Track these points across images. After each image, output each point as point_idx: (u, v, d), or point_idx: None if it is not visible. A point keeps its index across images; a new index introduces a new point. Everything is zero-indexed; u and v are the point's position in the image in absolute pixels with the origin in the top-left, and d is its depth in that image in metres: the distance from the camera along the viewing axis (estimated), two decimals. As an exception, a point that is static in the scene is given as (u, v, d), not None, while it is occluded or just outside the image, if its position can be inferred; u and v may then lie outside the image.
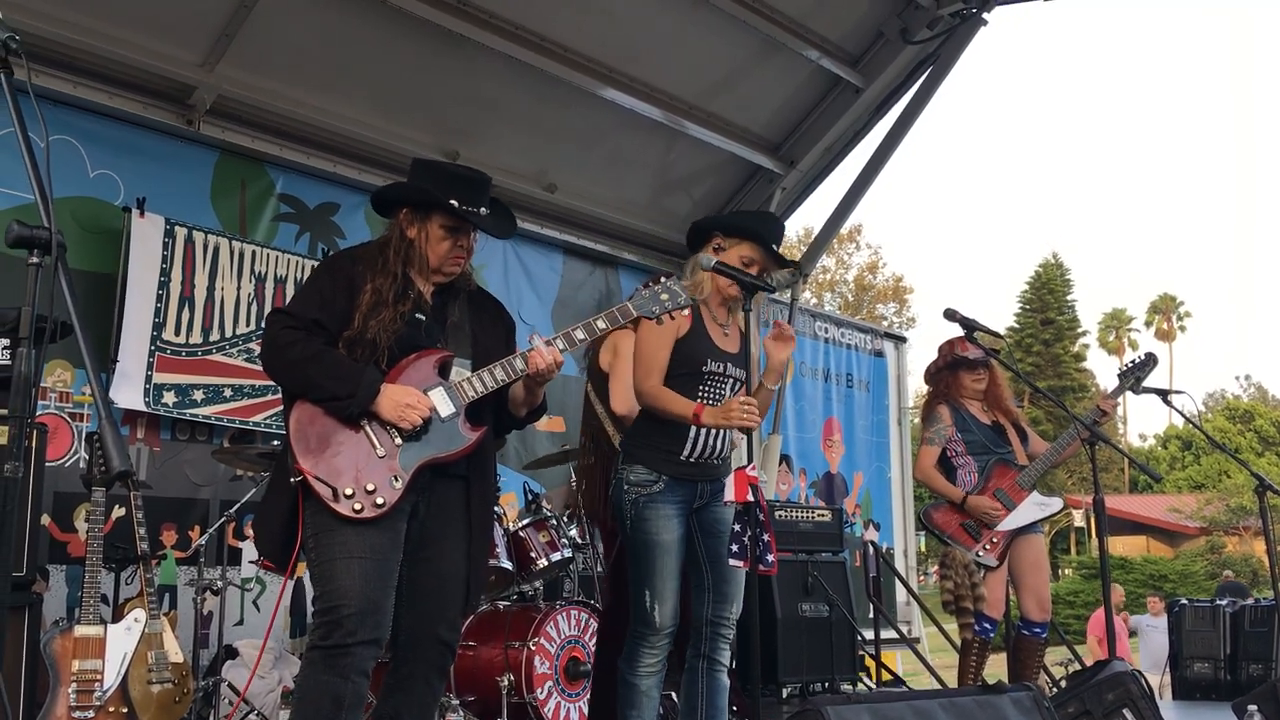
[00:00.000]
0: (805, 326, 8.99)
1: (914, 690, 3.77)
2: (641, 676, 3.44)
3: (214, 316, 5.76)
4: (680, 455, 3.45)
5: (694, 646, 3.55)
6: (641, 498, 3.42)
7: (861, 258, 39.05)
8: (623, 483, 3.47)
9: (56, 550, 5.14)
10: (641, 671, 3.44)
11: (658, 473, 3.44)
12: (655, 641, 3.44)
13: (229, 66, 5.71)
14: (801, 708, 2.76)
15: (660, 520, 3.42)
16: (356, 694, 2.76)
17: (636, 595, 3.44)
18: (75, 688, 3.98)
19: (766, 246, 3.54)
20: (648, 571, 3.41)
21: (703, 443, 3.47)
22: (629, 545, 3.48)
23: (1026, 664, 4.83)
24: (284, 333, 2.86)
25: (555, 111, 6.91)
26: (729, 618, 3.54)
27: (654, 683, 3.46)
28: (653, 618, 3.41)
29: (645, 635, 3.44)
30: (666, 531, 3.43)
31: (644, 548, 3.42)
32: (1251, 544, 29.08)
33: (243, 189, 6.13)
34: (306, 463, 2.77)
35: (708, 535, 3.55)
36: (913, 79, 7.58)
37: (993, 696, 2.92)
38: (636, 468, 3.45)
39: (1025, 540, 4.82)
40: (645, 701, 3.44)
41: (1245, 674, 6.41)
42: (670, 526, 3.43)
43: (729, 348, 3.57)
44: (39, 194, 1.84)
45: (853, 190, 7.96)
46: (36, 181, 1.83)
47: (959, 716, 2.77)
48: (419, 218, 3.01)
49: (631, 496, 3.43)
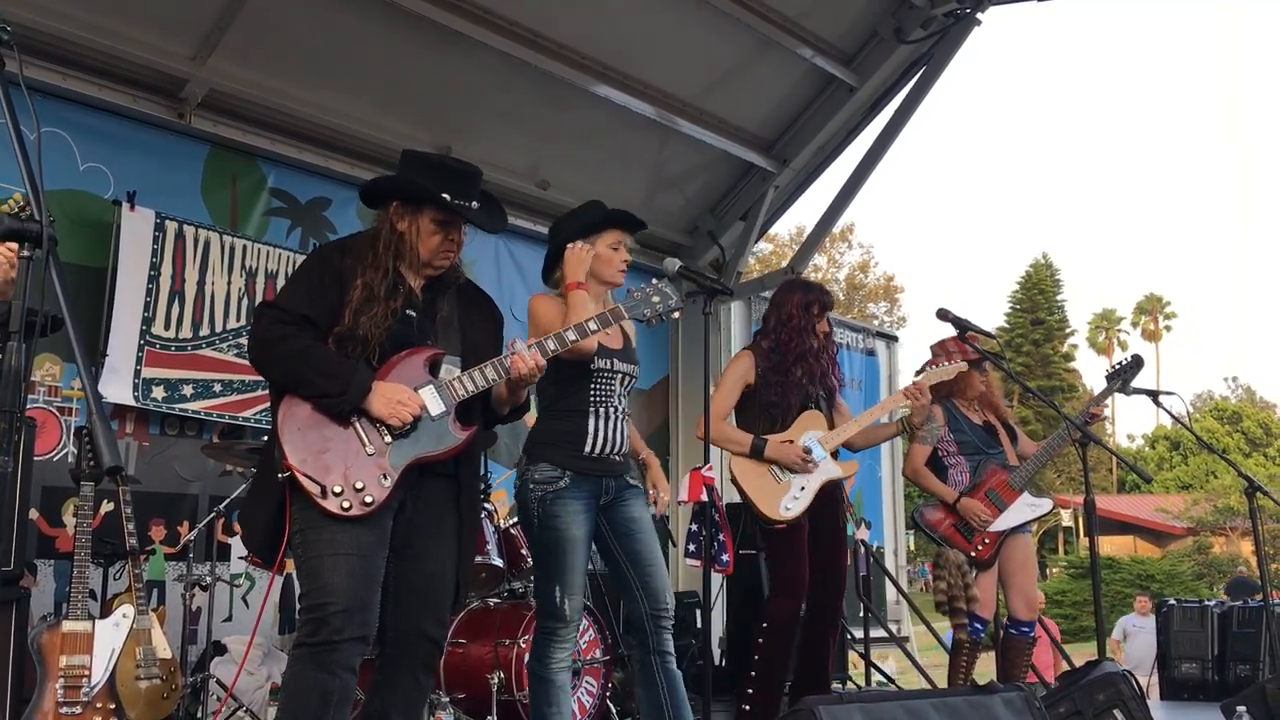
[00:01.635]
0: (797, 325, 8.97)
1: (906, 690, 3.76)
2: (556, 671, 3.48)
3: (204, 311, 5.74)
4: (583, 450, 3.49)
5: (641, 646, 3.59)
6: (548, 494, 3.45)
7: (853, 257, 39.14)
8: (528, 481, 3.50)
9: (45, 545, 5.12)
10: (555, 667, 3.48)
11: (562, 468, 3.47)
12: (566, 635, 3.49)
13: (221, 60, 5.69)
14: (793, 708, 2.76)
15: (568, 515, 3.46)
16: (344, 690, 2.75)
17: (545, 591, 3.48)
18: (63, 683, 3.95)
19: (616, 221, 3.63)
20: (557, 566, 3.45)
21: (603, 438, 3.52)
22: (537, 542, 3.52)
23: (1015, 663, 4.85)
24: (274, 327, 2.83)
25: (549, 108, 6.90)
26: (666, 608, 3.58)
27: (567, 677, 3.52)
28: (563, 611, 3.45)
29: (555, 630, 3.48)
30: (575, 526, 3.46)
31: (553, 543, 3.45)
32: (1238, 544, 29.20)
33: (234, 183, 6.11)
34: (295, 459, 2.75)
35: (621, 535, 3.59)
36: (906, 78, 7.57)
37: (984, 697, 2.92)
38: (541, 465, 3.48)
39: (1014, 540, 4.84)
40: (562, 697, 3.49)
41: (1233, 675, 6.42)
42: (578, 521, 3.47)
43: (613, 344, 3.61)
44: (30, 186, 1.83)
45: (845, 189, 7.96)
46: (28, 174, 1.82)
47: (951, 716, 2.77)
48: (410, 211, 2.99)
49: (538, 494, 3.46)
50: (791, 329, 4.35)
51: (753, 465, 4.26)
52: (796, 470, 4.22)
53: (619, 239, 3.64)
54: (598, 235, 3.62)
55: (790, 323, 4.36)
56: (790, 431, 4.28)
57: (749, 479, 4.25)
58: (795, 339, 4.32)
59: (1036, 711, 2.96)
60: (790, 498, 4.19)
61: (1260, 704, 3.91)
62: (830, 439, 4.32)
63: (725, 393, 4.38)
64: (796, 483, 4.22)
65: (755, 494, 4.22)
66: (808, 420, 4.32)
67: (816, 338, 4.35)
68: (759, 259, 28.42)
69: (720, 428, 4.30)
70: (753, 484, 4.24)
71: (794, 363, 4.32)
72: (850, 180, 7.92)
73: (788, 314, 4.39)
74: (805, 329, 4.33)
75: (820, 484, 4.24)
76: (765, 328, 4.49)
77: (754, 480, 4.24)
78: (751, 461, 4.26)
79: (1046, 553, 35.51)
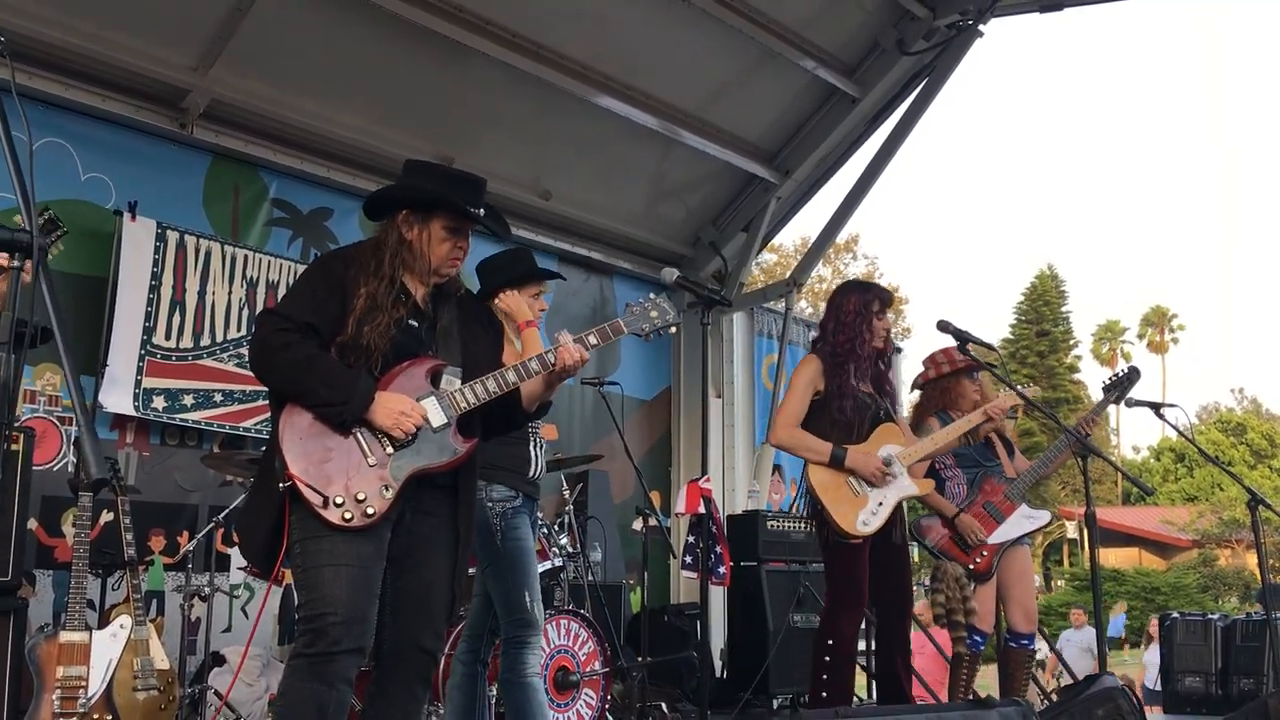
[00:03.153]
0: (800, 336, 8.97)
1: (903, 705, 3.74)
2: (531, 676, 3.70)
3: (205, 321, 5.74)
4: (527, 475, 3.83)
5: (473, 653, 3.86)
6: (508, 510, 3.72)
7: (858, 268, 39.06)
8: (485, 501, 3.67)
9: (44, 555, 5.11)
10: (531, 672, 3.70)
11: (515, 490, 3.75)
12: (536, 642, 3.73)
13: (223, 70, 5.70)
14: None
15: (525, 528, 3.77)
16: (340, 702, 2.73)
17: (514, 601, 3.69)
18: (59, 694, 3.94)
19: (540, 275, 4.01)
20: (524, 575, 3.71)
21: (540, 464, 3.89)
22: (502, 556, 3.69)
23: (1015, 675, 4.82)
24: (276, 335, 2.81)
25: (551, 119, 6.90)
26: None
27: (539, 679, 3.76)
28: (533, 616, 3.70)
29: (526, 639, 3.70)
30: (530, 538, 3.78)
31: (518, 553, 3.70)
32: (1244, 556, 29.07)
33: (235, 193, 6.12)
34: (296, 468, 2.73)
35: None
36: (908, 89, 7.57)
37: (982, 711, 2.90)
38: (498, 486, 3.71)
39: (1012, 552, 4.82)
40: (541, 696, 3.73)
41: (1236, 688, 6.39)
42: (530, 534, 3.80)
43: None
44: (20, 195, 1.82)
45: (848, 200, 7.95)
46: (19, 183, 1.81)
47: (947, 732, 2.75)
48: (419, 219, 2.97)
49: (498, 510, 3.70)
50: (850, 328, 4.26)
51: (831, 476, 4.14)
52: (875, 483, 4.14)
53: (539, 290, 4.02)
54: (523, 286, 3.96)
55: (849, 321, 4.27)
56: (868, 444, 4.19)
57: (827, 491, 4.13)
58: (858, 339, 4.23)
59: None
60: (869, 512, 4.10)
61: (1263, 717, 3.88)
62: (909, 455, 4.23)
63: (796, 399, 4.24)
64: (875, 497, 4.13)
65: (833, 506, 4.11)
66: (886, 433, 4.24)
67: (878, 337, 4.28)
68: (763, 269, 28.42)
69: (796, 434, 4.20)
70: (830, 495, 4.12)
71: (855, 365, 4.23)
72: (853, 191, 7.92)
73: (845, 313, 4.30)
74: (865, 326, 4.25)
75: (897, 500, 4.16)
76: (824, 333, 4.36)
77: (832, 492, 4.13)
78: (830, 471, 4.14)
79: (1051, 564, 35.38)
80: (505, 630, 3.71)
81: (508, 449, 3.72)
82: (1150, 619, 13.26)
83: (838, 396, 4.19)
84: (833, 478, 4.14)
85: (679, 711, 5.86)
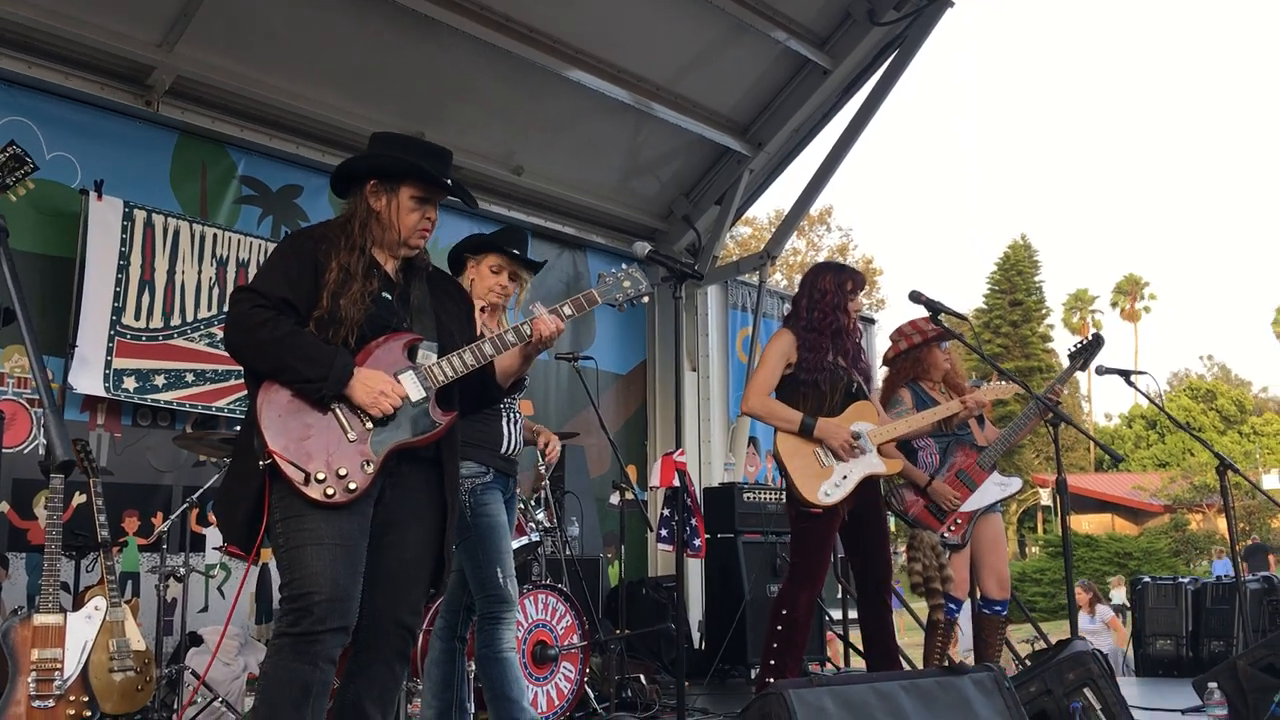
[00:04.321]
0: (774, 309, 8.99)
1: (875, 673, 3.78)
2: (508, 650, 3.68)
3: (175, 301, 5.69)
4: (500, 450, 3.76)
5: (450, 629, 3.85)
6: (477, 486, 3.67)
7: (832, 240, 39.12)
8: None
9: (17, 538, 5.07)
10: (506, 647, 3.68)
11: (486, 466, 3.71)
12: (510, 617, 3.71)
13: (188, 46, 5.63)
14: (762, 692, 2.76)
15: (495, 504, 3.71)
16: (324, 682, 2.72)
17: (487, 578, 3.66)
18: (35, 677, 3.92)
19: (507, 253, 3.84)
20: (495, 550, 3.67)
21: (514, 440, 3.81)
22: (471, 531, 3.66)
23: (989, 642, 4.87)
24: (254, 311, 2.78)
25: (522, 94, 6.86)
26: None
27: (515, 653, 3.74)
28: (506, 592, 3.67)
29: (500, 614, 3.67)
30: (501, 514, 3.73)
31: (489, 529, 3.67)
32: (1214, 521, 29.48)
33: (203, 171, 6.05)
34: (276, 445, 2.71)
35: None
36: (880, 60, 7.57)
37: (954, 677, 2.93)
38: (467, 462, 3.62)
39: (985, 520, 4.86)
40: (517, 670, 3.71)
41: (1207, 651, 6.48)
42: (502, 509, 3.74)
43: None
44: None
45: (820, 172, 7.95)
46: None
47: (921, 698, 2.78)
48: (387, 189, 2.96)
49: (468, 487, 3.64)
50: (825, 306, 4.29)
51: (798, 444, 4.17)
52: (842, 456, 4.16)
53: (500, 263, 3.84)
54: (479, 255, 3.86)
55: (824, 300, 4.31)
56: (842, 418, 4.22)
57: (792, 459, 4.16)
58: (829, 316, 4.27)
59: (1006, 691, 2.98)
60: (831, 484, 4.12)
61: (1232, 680, 3.93)
62: (880, 434, 4.25)
63: (769, 369, 4.29)
64: (839, 470, 4.15)
65: (796, 474, 4.13)
66: (860, 410, 4.27)
67: (848, 316, 4.32)
68: (738, 243, 28.43)
69: (768, 403, 4.24)
70: (795, 464, 4.14)
71: (829, 342, 4.27)
72: (825, 163, 7.92)
73: (821, 291, 4.33)
74: (838, 306, 4.29)
75: (862, 476, 4.18)
76: (796, 310, 4.41)
77: (797, 460, 4.15)
78: (797, 440, 4.17)
79: (1026, 531, 35.76)
80: (480, 607, 3.70)
81: (478, 425, 3.68)
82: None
83: (810, 369, 4.22)
84: (800, 446, 4.17)
85: (657, 683, 5.90)
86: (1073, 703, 3.20)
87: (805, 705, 2.54)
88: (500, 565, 3.67)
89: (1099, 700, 3.24)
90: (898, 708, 2.68)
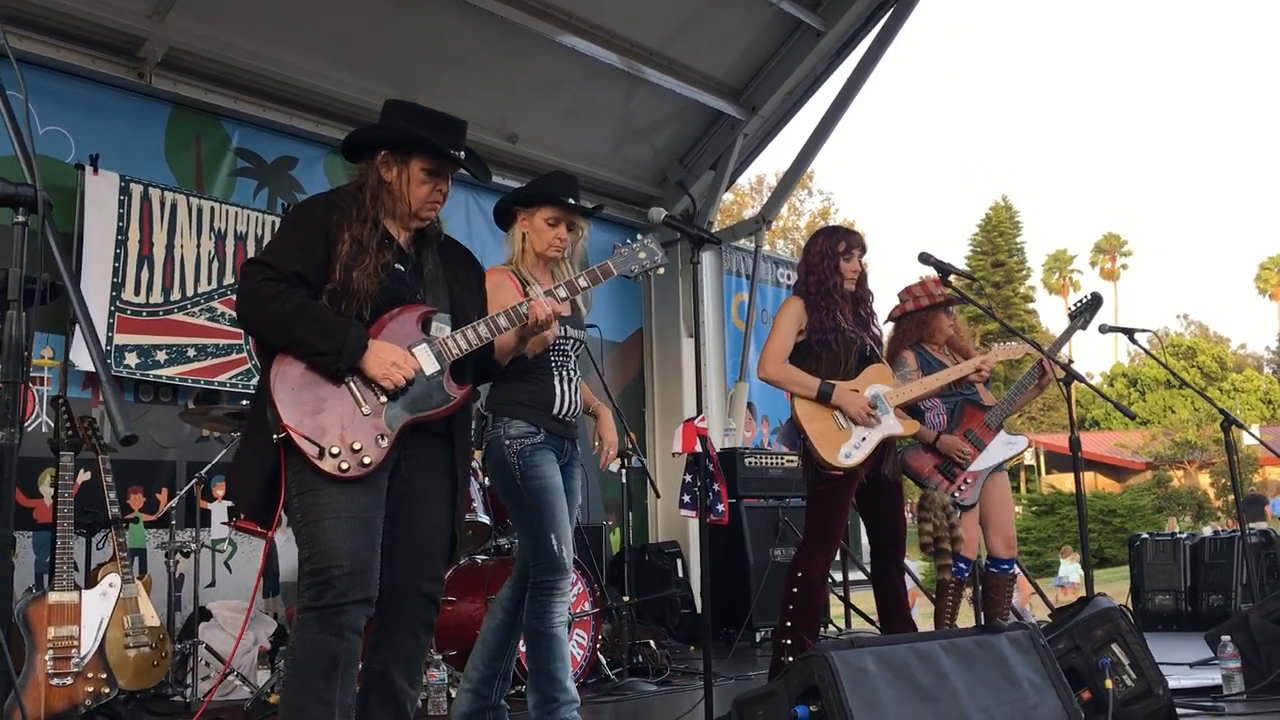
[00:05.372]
0: (768, 273, 8.99)
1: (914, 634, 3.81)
2: (557, 625, 3.47)
3: (174, 275, 5.64)
4: (552, 411, 3.55)
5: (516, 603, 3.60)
6: (526, 447, 3.48)
7: (814, 204, 39.10)
8: (502, 439, 3.49)
9: (23, 516, 5.05)
10: (556, 621, 3.46)
11: (536, 426, 3.51)
12: (564, 587, 3.48)
13: (180, 17, 5.55)
14: (805, 654, 2.78)
15: (548, 465, 3.49)
16: (351, 652, 2.73)
17: (540, 545, 3.44)
18: (52, 654, 3.93)
19: (562, 203, 3.63)
20: (550, 514, 3.45)
21: (568, 401, 3.59)
22: (522, 496, 3.48)
23: (997, 601, 4.92)
24: (265, 285, 2.75)
25: (515, 60, 6.80)
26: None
27: (565, 630, 3.52)
28: (561, 560, 3.45)
29: (555, 584, 3.45)
30: (555, 475, 3.51)
31: (540, 491, 3.45)
32: (1196, 477, 29.81)
33: (198, 144, 5.99)
34: (290, 419, 2.70)
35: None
36: (872, 22, 7.54)
37: (991, 636, 2.96)
38: (515, 422, 3.50)
39: (993, 479, 4.90)
40: (564, 649, 3.50)
41: (1205, 605, 6.57)
42: (556, 471, 3.52)
43: (564, 311, 3.51)
44: (20, 150, 1.77)
45: (815, 135, 7.93)
46: (17, 138, 1.76)
47: (959, 657, 2.80)
48: (399, 160, 2.92)
49: (515, 449, 3.47)
50: (821, 270, 4.30)
51: (816, 409, 4.17)
52: (859, 422, 4.18)
53: (556, 215, 3.65)
54: (535, 209, 3.67)
55: (820, 264, 4.31)
56: (856, 382, 4.22)
57: (811, 422, 4.16)
58: (827, 278, 4.28)
59: (1042, 649, 3.01)
60: (851, 445, 4.12)
61: (1244, 632, 3.99)
62: (896, 396, 4.26)
63: (781, 335, 4.28)
64: (859, 432, 4.15)
65: (817, 438, 4.13)
66: (874, 374, 4.27)
67: (842, 275, 4.31)
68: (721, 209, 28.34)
69: (785, 369, 4.23)
70: (815, 427, 4.14)
71: (835, 304, 4.27)
72: (820, 126, 7.90)
73: (818, 255, 4.34)
74: (836, 269, 4.29)
75: (881, 438, 4.18)
76: (800, 277, 4.42)
77: (816, 424, 4.15)
78: (815, 405, 4.17)
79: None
80: (533, 574, 3.48)
81: (527, 385, 3.54)
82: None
83: (821, 331, 4.23)
84: (818, 410, 4.18)
85: (665, 648, 5.95)
86: (1101, 659, 3.23)
87: (848, 667, 2.56)
88: (554, 531, 3.44)
89: (1127, 655, 3.27)
90: (937, 666, 2.71)
